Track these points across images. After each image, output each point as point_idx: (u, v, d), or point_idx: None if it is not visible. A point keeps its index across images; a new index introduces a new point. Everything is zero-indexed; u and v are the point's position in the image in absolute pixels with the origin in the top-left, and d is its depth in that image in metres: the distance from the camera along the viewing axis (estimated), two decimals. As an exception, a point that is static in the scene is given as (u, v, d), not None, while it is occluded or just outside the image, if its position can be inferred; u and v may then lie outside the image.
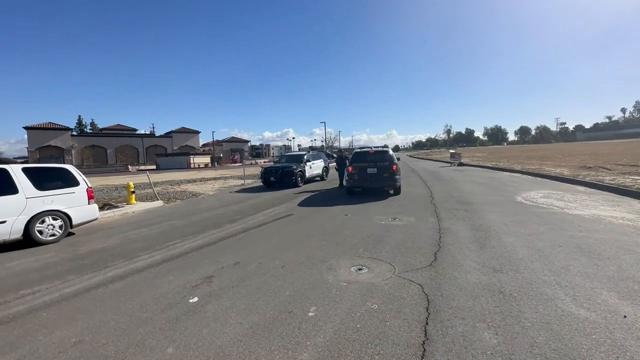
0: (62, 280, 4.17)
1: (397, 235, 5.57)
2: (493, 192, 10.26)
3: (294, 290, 3.54)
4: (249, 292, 3.54)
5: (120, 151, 54.63)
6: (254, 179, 19.47)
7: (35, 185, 6.00)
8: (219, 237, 6.09)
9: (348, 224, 6.62)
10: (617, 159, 19.98)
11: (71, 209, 6.46)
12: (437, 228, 5.95)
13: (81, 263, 4.87)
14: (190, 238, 6.09)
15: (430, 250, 4.69)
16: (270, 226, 6.80)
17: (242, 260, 4.61)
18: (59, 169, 6.68)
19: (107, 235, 6.69)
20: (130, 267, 4.56)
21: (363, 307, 3.08)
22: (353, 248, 4.96)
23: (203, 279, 3.99)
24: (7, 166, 5.89)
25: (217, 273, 4.15)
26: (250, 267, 4.34)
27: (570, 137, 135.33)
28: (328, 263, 4.33)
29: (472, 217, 6.70)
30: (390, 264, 4.21)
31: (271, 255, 4.78)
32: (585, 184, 10.99)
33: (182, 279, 3.99)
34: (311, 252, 4.86)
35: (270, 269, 4.21)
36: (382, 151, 10.50)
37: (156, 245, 5.68)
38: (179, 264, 4.59)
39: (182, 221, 7.85)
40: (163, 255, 5.09)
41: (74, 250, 5.66)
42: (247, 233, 6.27)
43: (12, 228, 5.63)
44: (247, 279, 3.92)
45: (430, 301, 3.14)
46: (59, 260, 5.12)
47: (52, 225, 6.15)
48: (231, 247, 5.37)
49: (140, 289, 3.76)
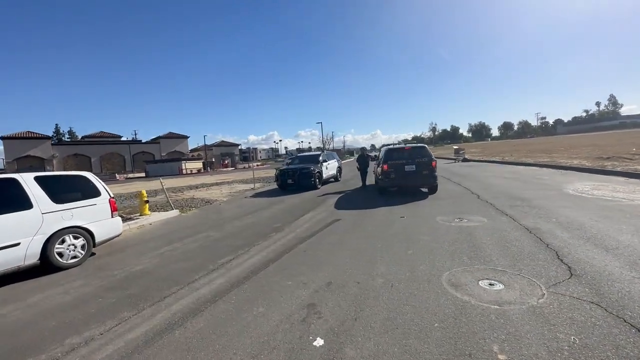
0: (115, 320, 3.21)
1: (486, 239, 4.85)
2: (533, 186, 9.73)
3: (440, 319, 2.74)
4: (383, 325, 2.71)
5: (106, 159, 52.03)
6: (261, 182, 18.46)
7: (51, 197, 4.94)
8: (277, 250, 5.20)
9: (414, 227, 5.86)
10: (622, 149, 20.07)
11: (93, 224, 5.42)
12: (523, 228, 5.27)
13: (127, 293, 3.89)
14: (243, 253, 5.18)
15: (549, 256, 3.98)
16: (326, 235, 5.95)
17: (333, 280, 3.77)
18: (77, 177, 5.61)
19: (136, 254, 5.68)
20: (195, 297, 3.63)
21: (560, 342, 2.31)
22: (453, 256, 4.20)
23: (304, 308, 3.13)
24: (18, 175, 4.81)
25: (317, 299, 3.30)
26: (350, 288, 3.50)
27: (551, 131, 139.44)
28: (443, 277, 3.55)
29: (547, 214, 6.07)
30: (521, 275, 3.48)
31: (361, 271, 3.96)
32: (622, 174, 10.62)
33: (278, 311, 3.12)
34: (406, 264, 4.07)
35: (378, 290, 3.39)
36: (419, 147, 9.81)
37: (207, 265, 4.74)
38: (256, 289, 3.70)
39: (217, 232, 6.89)
40: (225, 277, 4.17)
41: (107, 275, 4.65)
42: (307, 244, 5.41)
43: (28, 251, 4.57)
44: (362, 305, 3.09)
45: (635, 326, 2.41)
46: (95, 289, 4.12)
47: (73, 245, 5.10)
48: (303, 262, 4.50)
49: (231, 329, 2.86)
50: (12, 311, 3.64)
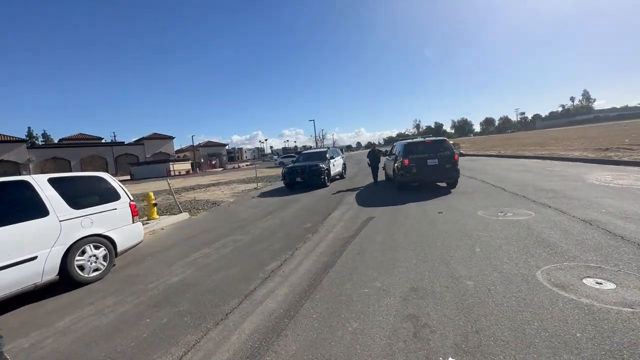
0: (181, 347, 2.67)
1: (550, 233, 4.55)
2: (552, 177, 9.64)
3: (578, 328, 2.37)
4: (517, 338, 2.31)
5: (87, 162, 49.50)
6: (263, 182, 17.83)
7: (68, 202, 4.28)
8: (325, 253, 4.73)
9: (461, 223, 5.52)
10: (615, 140, 20.62)
11: (115, 231, 4.78)
12: (580, 220, 5.00)
13: (177, 311, 3.34)
14: (289, 258, 4.69)
15: (634, 249, 3.72)
16: (369, 234, 5.52)
17: (415, 285, 3.35)
18: (94, 178, 4.95)
19: (163, 263, 5.07)
20: (264, 311, 3.13)
21: None
22: (528, 253, 3.87)
23: (406, 320, 2.70)
24: (29, 177, 4.13)
25: (414, 310, 2.87)
26: (443, 294, 3.10)
27: (530, 125, 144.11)
28: (539, 277, 3.21)
29: (591, 205, 5.85)
30: (624, 272, 3.17)
31: (440, 274, 3.56)
32: (633, 164, 10.72)
33: (376, 326, 2.67)
34: (484, 263, 3.70)
35: (476, 295, 3.00)
36: (441, 140, 9.52)
37: (254, 272, 4.22)
38: (332, 300, 3.23)
39: (244, 236, 6.34)
40: (286, 287, 3.67)
41: (141, 289, 4.05)
42: (355, 245, 4.97)
43: (46, 266, 3.91)
44: (472, 314, 2.69)
45: None
46: (135, 308, 3.53)
47: (94, 256, 4.46)
48: (365, 266, 4.05)
49: (336, 352, 2.40)
50: (42, 340, 3.03)
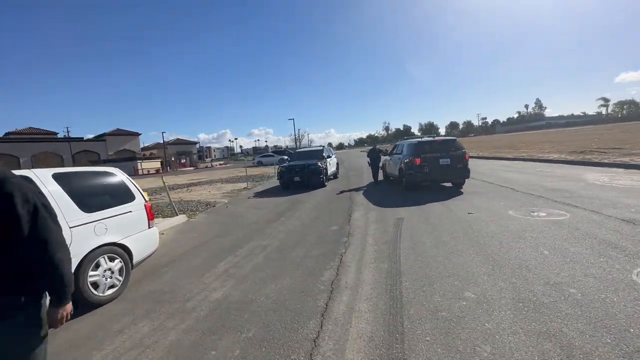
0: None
1: (605, 234, 4.45)
2: (551, 178, 9.93)
3: None
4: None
5: (40, 159, 44.57)
6: (252, 181, 16.92)
7: (78, 203, 3.43)
8: (378, 259, 4.27)
9: (501, 224, 5.32)
10: (582, 144, 22.18)
11: (130, 238, 3.95)
12: (621, 220, 4.99)
13: (246, 337, 2.69)
14: (339, 266, 4.16)
15: None
16: (412, 236, 5.13)
17: (517, 296, 3.00)
18: (104, 174, 4.04)
19: (186, 274, 4.31)
20: (357, 335, 2.60)
21: None
22: (601, 256, 3.69)
23: (545, 339, 2.32)
24: (30, 172, 3.23)
25: (539, 325, 2.50)
26: (556, 304, 2.77)
27: (490, 130, 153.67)
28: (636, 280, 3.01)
29: (615, 205, 5.89)
30: None
31: (532, 282, 3.26)
32: (616, 166, 11.33)
33: (515, 348, 2.27)
34: (566, 267, 3.46)
35: (594, 306, 2.71)
36: (451, 139, 9.46)
37: (313, 284, 3.66)
38: (431, 316, 2.78)
39: (267, 240, 5.69)
40: (365, 302, 3.15)
41: (177, 309, 3.32)
42: (407, 250, 4.55)
43: (55, 286, 3.06)
44: (617, 330, 2.38)
45: None
46: (184, 335, 2.82)
47: (109, 270, 3.62)
48: (437, 273, 3.63)
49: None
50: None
